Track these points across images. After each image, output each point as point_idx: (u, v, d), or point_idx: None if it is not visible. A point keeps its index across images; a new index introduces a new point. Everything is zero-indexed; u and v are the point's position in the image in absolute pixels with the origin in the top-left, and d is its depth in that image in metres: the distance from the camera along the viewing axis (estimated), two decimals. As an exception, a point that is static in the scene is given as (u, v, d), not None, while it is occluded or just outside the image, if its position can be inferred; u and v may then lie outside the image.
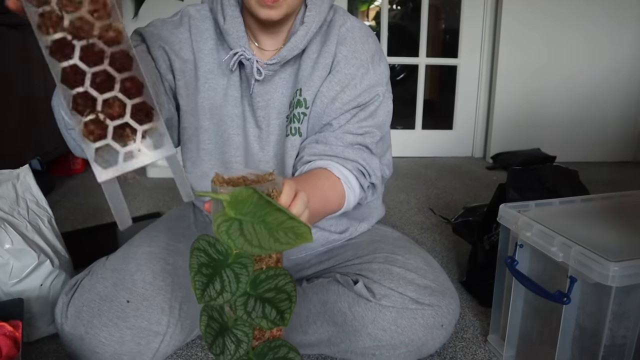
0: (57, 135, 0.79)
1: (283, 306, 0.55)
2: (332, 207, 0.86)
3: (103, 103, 0.46)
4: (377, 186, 0.95)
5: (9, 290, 1.00)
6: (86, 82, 0.45)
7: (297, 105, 0.93)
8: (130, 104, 0.47)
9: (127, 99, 0.47)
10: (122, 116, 0.47)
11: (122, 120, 0.47)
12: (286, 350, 0.59)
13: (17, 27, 1.73)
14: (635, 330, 0.80)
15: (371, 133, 0.92)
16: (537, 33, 2.56)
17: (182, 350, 1.02)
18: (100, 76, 0.46)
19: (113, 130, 0.47)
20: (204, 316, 0.57)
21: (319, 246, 1.04)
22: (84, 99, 0.46)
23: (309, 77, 0.92)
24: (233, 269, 0.54)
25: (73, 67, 0.45)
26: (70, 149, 0.78)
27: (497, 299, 1.04)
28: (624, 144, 2.74)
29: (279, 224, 0.50)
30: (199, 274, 0.53)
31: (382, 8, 2.67)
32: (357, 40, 0.93)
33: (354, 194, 0.89)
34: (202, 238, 0.55)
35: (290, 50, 0.90)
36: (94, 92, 0.46)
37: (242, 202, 0.50)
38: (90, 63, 0.45)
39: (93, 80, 0.46)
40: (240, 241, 0.50)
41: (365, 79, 0.92)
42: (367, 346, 0.91)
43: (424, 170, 2.51)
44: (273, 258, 0.57)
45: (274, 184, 0.56)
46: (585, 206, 1.03)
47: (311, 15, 0.91)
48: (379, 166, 0.93)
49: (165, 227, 1.07)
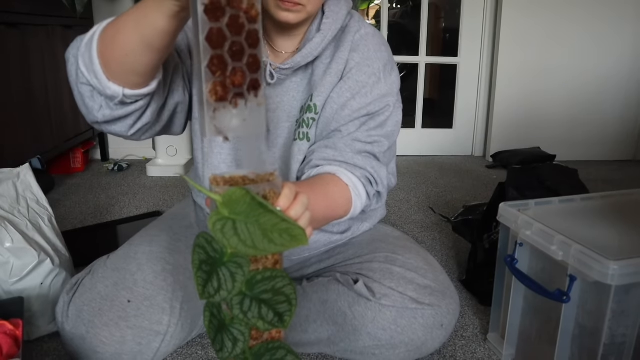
0: (57, 134, 0.79)
1: (281, 308, 0.55)
2: (338, 212, 0.86)
3: (232, 70, 0.51)
4: (383, 195, 0.95)
5: (10, 289, 1.01)
6: (225, 47, 0.50)
7: (307, 111, 0.93)
8: (249, 78, 0.52)
9: (248, 72, 0.52)
10: (241, 86, 0.52)
11: (239, 90, 0.52)
12: (284, 352, 0.59)
13: (17, 27, 1.73)
14: (635, 328, 0.80)
15: (380, 142, 0.92)
16: (537, 32, 2.55)
17: (182, 348, 1.02)
18: (237, 46, 0.50)
19: (232, 96, 0.52)
20: (207, 312, 0.57)
21: (322, 246, 1.04)
22: (220, 61, 0.50)
23: (320, 83, 0.92)
24: (229, 267, 0.54)
25: (219, 30, 0.49)
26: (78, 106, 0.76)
27: (496, 297, 1.04)
28: (624, 143, 2.74)
29: (273, 226, 0.50)
30: (200, 271, 0.53)
31: (382, 7, 2.67)
32: (370, 48, 0.93)
33: (361, 201, 0.89)
34: (202, 235, 0.55)
35: (304, 57, 0.90)
36: (228, 58, 0.50)
37: (236, 202, 0.50)
38: (233, 32, 0.50)
39: (230, 47, 0.50)
40: (234, 241, 0.50)
41: (376, 88, 0.92)
42: (367, 345, 0.91)
43: (424, 169, 2.52)
44: (270, 260, 0.57)
45: (272, 185, 0.56)
46: (585, 205, 1.03)
47: (328, 22, 0.90)
48: (386, 175, 0.93)
49: (166, 226, 1.07)
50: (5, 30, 1.66)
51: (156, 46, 0.65)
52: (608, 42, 2.58)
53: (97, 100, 0.73)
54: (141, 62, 0.67)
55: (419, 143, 2.80)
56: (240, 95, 0.52)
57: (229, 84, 0.51)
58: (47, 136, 1.95)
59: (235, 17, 0.49)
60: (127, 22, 0.65)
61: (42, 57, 1.92)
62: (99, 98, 0.73)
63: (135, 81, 0.69)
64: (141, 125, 0.79)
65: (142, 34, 0.63)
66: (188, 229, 1.07)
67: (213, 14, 0.48)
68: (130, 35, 0.64)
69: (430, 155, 2.80)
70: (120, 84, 0.69)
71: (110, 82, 0.69)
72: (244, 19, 0.50)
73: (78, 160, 2.35)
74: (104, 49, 0.67)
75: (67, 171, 2.33)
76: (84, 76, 0.70)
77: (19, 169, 1.17)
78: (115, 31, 0.66)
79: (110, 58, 0.67)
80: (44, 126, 1.93)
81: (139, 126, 0.78)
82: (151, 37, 0.63)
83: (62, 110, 2.06)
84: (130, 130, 0.78)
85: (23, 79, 1.79)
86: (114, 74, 0.68)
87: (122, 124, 0.77)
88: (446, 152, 2.82)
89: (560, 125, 2.68)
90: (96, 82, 0.69)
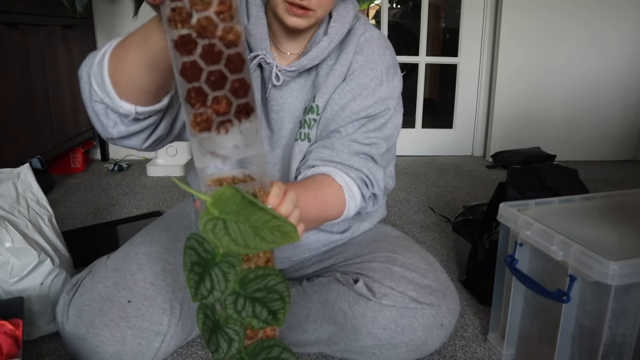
0: (57, 134, 0.79)
1: (275, 306, 0.55)
2: (331, 213, 0.86)
3: (213, 99, 0.50)
4: (379, 197, 0.95)
5: (10, 289, 1.00)
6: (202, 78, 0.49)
7: (309, 111, 0.93)
8: (236, 104, 0.51)
9: (234, 98, 0.51)
10: (227, 113, 0.51)
11: (226, 117, 0.51)
12: (279, 350, 0.59)
13: (17, 27, 1.73)
14: (635, 328, 0.80)
15: (378, 144, 0.92)
16: (537, 32, 2.55)
17: (182, 349, 1.02)
18: (215, 75, 0.49)
19: (217, 125, 0.51)
20: (200, 314, 0.57)
21: (321, 246, 1.04)
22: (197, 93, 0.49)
23: (323, 84, 0.92)
24: (221, 267, 0.54)
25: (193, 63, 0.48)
26: (92, 122, 0.77)
27: (496, 297, 1.04)
28: (624, 142, 2.74)
29: (264, 223, 0.50)
30: (192, 273, 0.53)
31: (382, 7, 2.67)
32: (374, 51, 0.93)
33: (355, 203, 0.89)
34: (192, 237, 0.55)
35: (311, 60, 0.90)
36: (207, 89, 0.49)
37: (226, 201, 0.50)
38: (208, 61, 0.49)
39: (208, 78, 0.49)
40: (225, 240, 0.50)
41: (378, 91, 0.92)
42: (367, 345, 0.91)
43: (424, 169, 2.52)
44: (262, 258, 0.57)
45: (261, 184, 0.56)
46: (585, 205, 1.03)
47: (335, 26, 0.90)
48: (382, 177, 0.93)
49: (166, 226, 1.07)
50: (5, 30, 1.66)
51: (161, 65, 0.65)
52: (608, 42, 2.58)
53: (111, 117, 0.74)
54: (148, 80, 0.67)
55: (419, 143, 2.80)
56: (229, 121, 0.51)
57: (210, 114, 0.50)
58: (47, 136, 1.95)
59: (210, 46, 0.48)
60: (132, 42, 0.66)
61: (42, 57, 1.92)
62: (112, 115, 0.73)
63: (145, 99, 0.70)
64: (155, 138, 0.79)
65: (146, 54, 0.64)
66: (188, 229, 1.07)
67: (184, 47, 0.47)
68: (135, 55, 0.65)
69: (430, 155, 2.80)
70: (131, 102, 0.70)
71: (122, 101, 0.69)
72: (221, 46, 0.48)
73: (78, 160, 2.35)
74: (113, 69, 0.68)
75: (67, 171, 2.33)
76: (97, 94, 0.71)
77: (19, 169, 1.17)
78: (122, 51, 0.67)
79: (119, 77, 0.68)
80: (44, 126, 1.92)
81: (152, 139, 0.79)
82: (155, 56, 0.64)
83: (62, 110, 2.07)
84: (144, 143, 0.79)
85: (23, 79, 1.79)
86: (124, 92, 0.69)
87: (136, 139, 0.78)
88: (446, 152, 2.82)
89: (560, 125, 2.68)
90: (109, 100, 0.70)
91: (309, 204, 0.78)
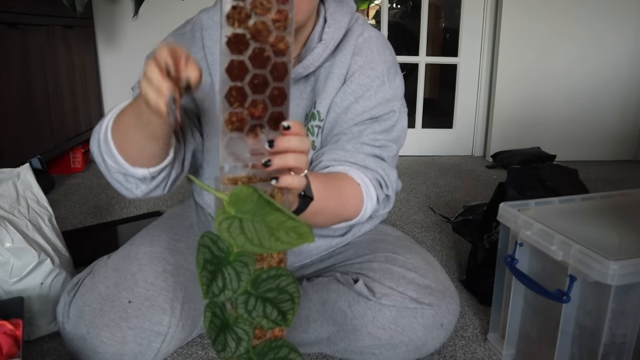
0: (57, 134, 0.80)
1: (285, 307, 0.55)
2: (348, 211, 0.85)
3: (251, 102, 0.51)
4: (391, 198, 0.95)
5: (10, 289, 1.01)
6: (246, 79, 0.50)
7: (312, 118, 0.92)
8: (271, 111, 0.52)
9: (270, 105, 0.52)
10: (261, 118, 0.52)
11: (259, 122, 0.52)
12: (287, 350, 0.59)
13: (17, 27, 1.73)
14: (635, 328, 0.80)
15: (388, 147, 0.92)
16: (537, 32, 2.55)
17: (182, 348, 1.02)
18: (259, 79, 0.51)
19: (249, 128, 0.53)
20: (208, 312, 0.57)
21: (322, 252, 1.04)
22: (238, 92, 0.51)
23: (323, 89, 0.91)
24: (234, 266, 0.55)
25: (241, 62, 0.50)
26: (118, 190, 0.85)
27: (496, 297, 1.04)
28: (624, 142, 2.74)
29: (280, 224, 0.50)
30: (204, 270, 0.53)
31: (382, 7, 2.67)
32: (373, 51, 0.92)
33: (372, 203, 0.88)
34: (207, 235, 0.55)
35: (306, 68, 0.89)
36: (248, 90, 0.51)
37: (243, 200, 0.51)
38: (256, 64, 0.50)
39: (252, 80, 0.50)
40: (240, 239, 0.50)
41: (380, 91, 0.91)
42: (366, 345, 0.91)
43: (424, 169, 2.52)
44: (275, 258, 0.57)
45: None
46: (585, 205, 1.03)
47: (330, 32, 0.89)
48: (396, 179, 0.93)
49: (167, 226, 1.07)
50: (5, 30, 1.66)
51: (162, 135, 0.71)
52: (608, 42, 2.58)
53: (131, 181, 0.81)
54: (153, 148, 0.74)
55: (419, 143, 2.80)
56: (260, 126, 0.53)
57: (246, 115, 0.51)
58: (47, 136, 1.95)
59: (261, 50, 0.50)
60: (129, 122, 0.72)
61: (42, 57, 1.92)
62: (132, 179, 0.81)
63: (155, 161, 0.78)
64: (172, 181, 0.86)
65: (144, 131, 0.70)
66: (189, 229, 1.07)
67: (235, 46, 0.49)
68: (134, 133, 0.72)
69: (430, 155, 2.80)
70: (144, 167, 0.77)
71: (136, 168, 0.77)
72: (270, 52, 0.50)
73: (78, 160, 2.35)
74: (120, 145, 0.76)
75: (67, 171, 2.33)
76: (114, 167, 0.79)
77: (19, 169, 1.17)
78: (121, 130, 0.74)
79: (128, 151, 0.76)
80: (44, 126, 1.93)
81: (170, 183, 0.86)
82: (152, 131, 0.69)
83: (62, 110, 2.06)
84: (165, 190, 0.86)
85: (23, 79, 1.79)
86: (136, 161, 0.77)
87: (157, 190, 0.85)
88: (446, 152, 2.82)
89: (560, 126, 2.68)
90: (124, 170, 0.78)
91: (330, 198, 0.77)
